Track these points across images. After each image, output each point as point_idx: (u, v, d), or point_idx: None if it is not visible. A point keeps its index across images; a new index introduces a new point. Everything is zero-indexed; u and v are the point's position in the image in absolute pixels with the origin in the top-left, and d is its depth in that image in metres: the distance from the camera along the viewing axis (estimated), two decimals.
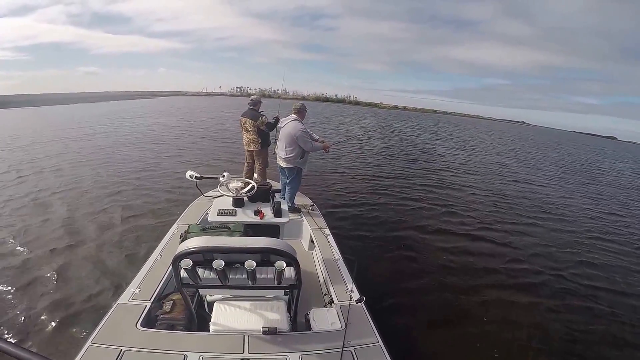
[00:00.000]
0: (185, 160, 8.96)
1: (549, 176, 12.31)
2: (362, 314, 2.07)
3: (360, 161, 10.80)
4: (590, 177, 13.84)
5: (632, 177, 15.90)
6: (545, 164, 16.04)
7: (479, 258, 4.60)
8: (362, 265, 3.88)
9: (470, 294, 3.71)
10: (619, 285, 4.34)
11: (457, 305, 3.50)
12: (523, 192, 8.95)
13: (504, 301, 3.66)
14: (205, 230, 2.24)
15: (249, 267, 1.61)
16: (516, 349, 2.97)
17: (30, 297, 3.01)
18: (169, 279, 2.24)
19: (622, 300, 3.99)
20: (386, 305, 3.23)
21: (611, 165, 21.13)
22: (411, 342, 2.83)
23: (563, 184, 11.16)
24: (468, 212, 6.56)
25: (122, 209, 5.11)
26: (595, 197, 9.56)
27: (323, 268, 2.66)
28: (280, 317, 1.86)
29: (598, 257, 5.13)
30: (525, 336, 3.11)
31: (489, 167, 12.66)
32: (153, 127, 15.72)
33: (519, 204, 7.61)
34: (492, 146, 21.95)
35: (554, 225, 6.37)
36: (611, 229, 6.67)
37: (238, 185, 2.77)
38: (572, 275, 4.43)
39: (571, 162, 18.73)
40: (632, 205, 9.29)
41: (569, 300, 3.83)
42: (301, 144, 3.65)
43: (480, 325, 3.22)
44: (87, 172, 7.08)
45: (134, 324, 1.78)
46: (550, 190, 9.65)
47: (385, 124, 26.69)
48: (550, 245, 5.36)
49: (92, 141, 10.90)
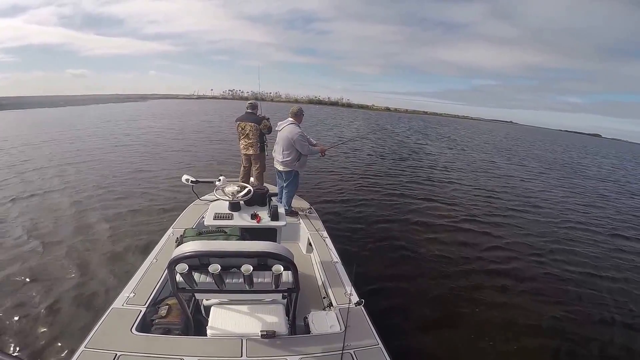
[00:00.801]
0: (180, 162, 9.00)
1: (550, 175, 12.66)
2: (362, 317, 2.05)
3: (357, 163, 10.90)
4: (571, 172, 14.75)
5: (609, 171, 16.89)
6: (541, 162, 16.55)
7: (478, 257, 4.64)
8: (361, 267, 3.88)
9: (470, 293, 3.75)
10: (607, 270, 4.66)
11: (457, 305, 3.52)
12: (529, 194, 9.08)
13: (501, 298, 3.71)
14: (201, 234, 2.22)
15: (245, 271, 1.58)
16: (515, 344, 2.99)
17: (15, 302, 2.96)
18: (165, 283, 2.20)
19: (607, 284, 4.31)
20: (386, 307, 3.21)
21: (592, 160, 22.42)
22: (411, 344, 2.83)
23: (560, 180, 11.51)
24: (465, 212, 6.63)
25: (117, 212, 5.07)
26: (576, 190, 10.37)
27: (321, 271, 2.64)
28: (278, 321, 1.84)
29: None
30: (524, 334, 3.13)
31: (489, 170, 12.80)
32: (145, 129, 15.78)
33: (521, 205, 7.71)
34: (484, 147, 22.32)
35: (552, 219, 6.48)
36: (589, 217, 7.36)
37: (234, 189, 2.75)
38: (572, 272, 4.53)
39: (553, 159, 19.67)
40: (605, 196, 10.09)
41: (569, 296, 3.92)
42: (298, 148, 3.65)
43: (479, 324, 3.24)
44: (79, 174, 7.06)
45: (129, 328, 1.75)
46: (560, 191, 9.87)
47: (379, 127, 27.14)
48: (570, 244, 5.53)
49: (84, 143, 10.93)
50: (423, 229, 5.48)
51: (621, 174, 16.72)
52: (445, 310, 3.42)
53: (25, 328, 2.66)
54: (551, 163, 17.18)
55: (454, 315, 3.35)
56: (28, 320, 2.74)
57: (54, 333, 2.62)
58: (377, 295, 3.32)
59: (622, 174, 16.52)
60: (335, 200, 6.58)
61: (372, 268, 4.01)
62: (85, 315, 2.80)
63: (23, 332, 2.62)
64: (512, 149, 23.50)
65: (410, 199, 7.25)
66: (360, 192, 7.34)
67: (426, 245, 4.89)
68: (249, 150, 4.51)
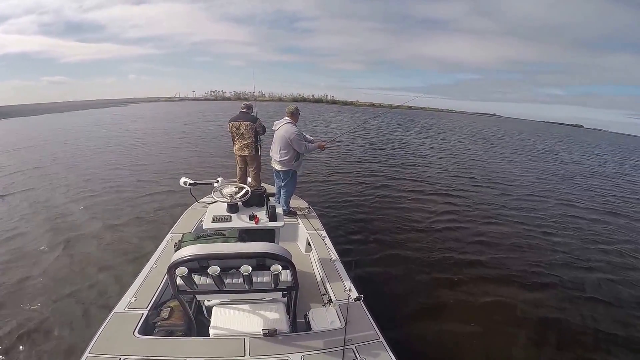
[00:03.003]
0: (174, 166, 8.98)
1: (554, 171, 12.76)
2: (361, 311, 2.08)
3: (351, 159, 10.98)
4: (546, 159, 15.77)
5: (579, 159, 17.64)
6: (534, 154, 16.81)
7: (475, 249, 4.71)
8: (360, 263, 3.93)
9: (468, 283, 3.82)
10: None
11: (456, 295, 3.58)
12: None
13: (498, 288, 3.78)
14: (199, 238, 2.23)
15: (244, 272, 1.61)
16: (513, 336, 3.04)
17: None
18: (165, 286, 2.22)
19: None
20: (385, 301, 3.26)
21: (566, 148, 23.45)
22: (412, 335, 2.87)
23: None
24: (464, 205, 6.71)
25: (115, 217, 5.08)
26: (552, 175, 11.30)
27: (320, 269, 2.67)
28: (279, 319, 1.86)
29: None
30: (523, 327, 3.17)
31: (493, 169, 12.82)
32: (126, 134, 15.64)
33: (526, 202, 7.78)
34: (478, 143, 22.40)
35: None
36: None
37: (232, 191, 2.76)
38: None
39: (533, 148, 20.54)
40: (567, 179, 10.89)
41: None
42: (296, 147, 3.66)
43: (479, 311, 3.32)
44: (76, 179, 7.03)
45: (132, 332, 1.77)
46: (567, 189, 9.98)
47: (366, 120, 27.45)
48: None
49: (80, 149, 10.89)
50: (421, 224, 5.55)
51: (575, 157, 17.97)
52: (445, 301, 3.47)
53: (29, 337, 2.67)
54: (536, 152, 18.11)
55: (453, 305, 3.42)
56: (30, 329, 2.75)
57: (57, 340, 2.64)
58: (377, 290, 3.35)
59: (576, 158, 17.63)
60: (334, 198, 6.60)
61: (371, 264, 4.04)
62: (87, 322, 2.81)
63: (25, 342, 2.63)
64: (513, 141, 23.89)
65: (405, 193, 7.36)
66: (359, 190, 7.36)
67: (424, 239, 4.96)
68: (244, 152, 4.49)
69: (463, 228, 5.49)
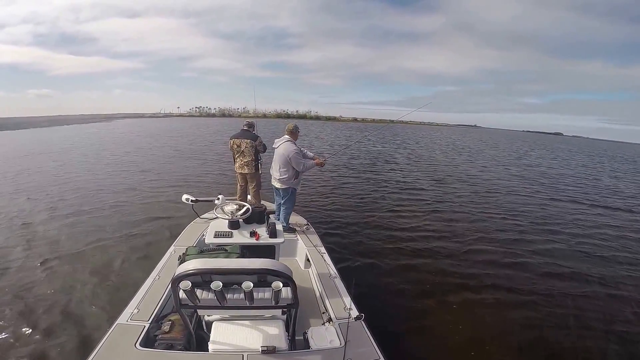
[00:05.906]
0: (174, 180, 9.11)
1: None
2: (362, 331, 2.06)
3: (349, 176, 11.09)
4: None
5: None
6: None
7: (479, 266, 4.67)
8: (361, 281, 3.87)
9: (473, 305, 3.74)
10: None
11: (459, 317, 3.50)
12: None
13: (507, 310, 3.70)
14: (202, 253, 2.28)
15: (246, 287, 1.63)
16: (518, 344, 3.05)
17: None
18: (168, 299, 2.24)
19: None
20: (387, 321, 3.19)
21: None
22: (414, 358, 2.81)
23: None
24: (469, 226, 6.61)
25: (118, 230, 5.15)
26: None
27: (320, 286, 2.68)
28: (278, 336, 1.87)
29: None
30: (535, 350, 3.12)
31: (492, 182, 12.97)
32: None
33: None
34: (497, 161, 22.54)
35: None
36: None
37: (233, 208, 2.83)
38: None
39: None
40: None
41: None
42: (294, 165, 3.75)
43: (485, 335, 3.25)
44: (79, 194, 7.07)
45: (133, 344, 1.79)
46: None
47: (364, 132, 28.02)
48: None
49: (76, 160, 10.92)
50: (423, 241, 5.49)
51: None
52: (449, 323, 3.39)
53: (30, 346, 2.67)
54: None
55: (457, 326, 3.33)
56: (32, 339, 2.75)
57: (59, 350, 2.64)
58: (378, 309, 3.28)
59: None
60: (333, 214, 6.62)
61: (372, 282, 4.01)
62: (90, 332, 2.83)
63: (26, 351, 2.62)
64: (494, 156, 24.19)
65: (405, 211, 7.35)
66: (358, 207, 7.39)
67: (427, 256, 4.89)
68: (244, 170, 4.59)
69: (473, 251, 5.28)
